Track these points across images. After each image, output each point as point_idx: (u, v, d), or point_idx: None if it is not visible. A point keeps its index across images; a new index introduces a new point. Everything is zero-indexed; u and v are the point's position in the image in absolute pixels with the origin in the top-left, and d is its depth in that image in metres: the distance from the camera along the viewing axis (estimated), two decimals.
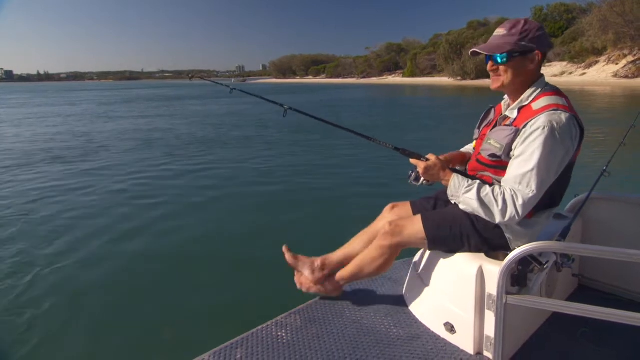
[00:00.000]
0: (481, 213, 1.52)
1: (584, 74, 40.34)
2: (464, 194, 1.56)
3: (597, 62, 40.66)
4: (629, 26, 34.33)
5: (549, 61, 46.65)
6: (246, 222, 4.88)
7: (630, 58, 36.53)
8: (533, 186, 1.43)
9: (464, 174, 1.64)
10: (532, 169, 1.42)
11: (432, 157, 1.68)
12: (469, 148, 1.99)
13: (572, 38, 44.60)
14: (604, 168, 2.17)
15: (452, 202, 1.71)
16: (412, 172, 1.74)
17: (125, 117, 19.67)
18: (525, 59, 1.52)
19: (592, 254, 1.27)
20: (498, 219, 1.49)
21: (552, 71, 44.28)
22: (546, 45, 1.53)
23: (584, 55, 41.81)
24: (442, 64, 59.67)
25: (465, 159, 1.91)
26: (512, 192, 1.46)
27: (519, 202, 1.44)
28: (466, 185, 1.57)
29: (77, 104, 31.57)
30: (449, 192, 1.65)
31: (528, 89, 1.57)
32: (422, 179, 1.72)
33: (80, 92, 61.44)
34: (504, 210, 1.46)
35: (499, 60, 1.53)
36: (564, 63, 44.50)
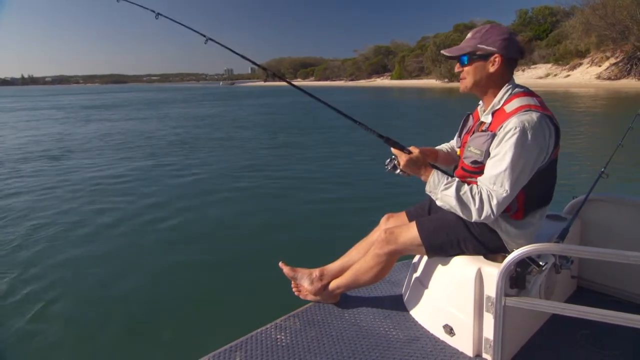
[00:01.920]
0: (458, 211, 1.54)
1: (568, 75, 41.09)
2: (442, 191, 1.58)
3: (580, 64, 41.48)
4: (611, 29, 35.04)
5: (535, 63, 47.48)
6: (245, 226, 4.85)
7: (612, 60, 37.33)
8: (506, 186, 1.45)
9: (443, 170, 1.65)
10: (505, 169, 1.44)
11: (415, 151, 1.69)
12: (442, 146, 2.01)
13: (556, 40, 45.41)
14: (602, 169, 2.18)
15: (433, 198, 1.67)
16: (391, 161, 1.72)
17: (111, 120, 19.47)
18: (486, 62, 1.56)
19: (591, 255, 1.28)
20: (474, 217, 1.51)
21: (537, 73, 45.03)
22: (510, 51, 1.54)
23: (568, 58, 42.59)
24: (429, 67, 60.25)
25: (437, 156, 1.93)
26: (488, 192, 1.48)
27: (494, 201, 1.46)
28: (445, 182, 1.58)
29: (61, 108, 31.13)
30: (427, 188, 1.65)
31: (498, 92, 1.59)
32: (399, 169, 1.71)
33: (65, 96, 60.61)
34: (480, 209, 1.49)
35: (463, 61, 1.60)
36: (549, 65, 45.31)
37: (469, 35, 1.62)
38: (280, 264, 2.13)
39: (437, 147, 2.01)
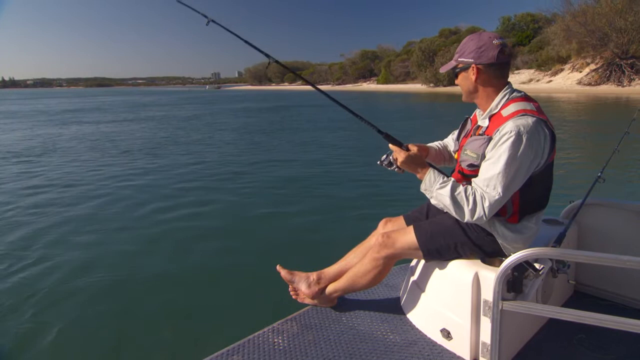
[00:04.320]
0: (451, 210, 1.56)
1: (550, 81, 41.87)
2: (437, 189, 1.59)
3: (562, 69, 42.31)
4: (591, 36, 35.84)
5: (517, 69, 48.35)
6: (242, 229, 4.85)
7: (592, 66, 38.19)
8: (499, 189, 1.47)
9: (440, 170, 1.68)
10: (499, 173, 1.46)
11: (413, 148, 1.72)
12: (434, 144, 2.03)
13: (538, 47, 46.30)
14: (599, 174, 2.20)
15: (428, 196, 1.70)
16: (387, 157, 1.75)
17: (89, 123, 19.19)
18: (467, 73, 1.65)
19: (588, 260, 1.30)
20: (467, 217, 1.52)
21: (520, 78, 45.79)
22: (484, 59, 1.58)
23: (550, 63, 43.43)
24: (415, 71, 60.78)
25: (428, 153, 1.95)
26: (482, 194, 1.50)
27: (486, 203, 1.48)
28: (441, 181, 1.60)
29: (40, 112, 30.52)
30: (422, 187, 1.67)
31: (495, 97, 1.62)
32: (395, 165, 1.73)
33: (46, 99, 59.57)
34: (473, 210, 1.50)
35: (454, 75, 1.71)
36: (532, 70, 46.11)
37: (457, 48, 1.71)
38: (278, 267, 2.13)
39: (428, 144, 2.02)
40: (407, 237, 1.79)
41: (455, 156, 1.91)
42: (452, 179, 1.62)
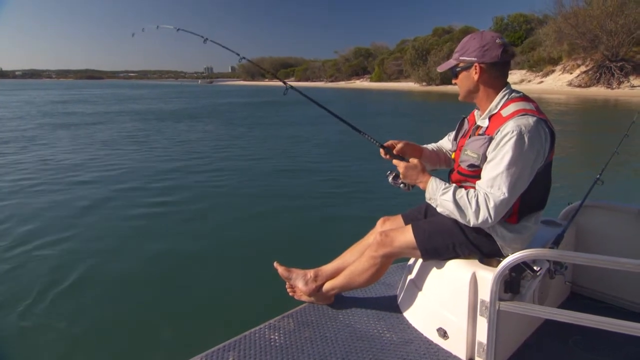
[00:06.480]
0: (457, 215, 1.56)
1: (542, 82, 42.20)
2: (440, 196, 1.60)
3: (553, 71, 42.67)
4: (582, 38, 36.19)
5: (510, 69, 48.59)
6: (240, 225, 4.84)
7: (583, 68, 38.58)
8: (504, 189, 1.47)
9: (441, 178, 1.68)
10: (502, 172, 1.46)
11: (413, 160, 1.74)
12: (428, 146, 2.03)
13: (530, 47, 46.62)
14: (598, 176, 2.21)
15: (433, 205, 1.71)
16: (391, 172, 1.78)
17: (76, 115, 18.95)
18: (469, 72, 1.64)
19: (585, 261, 1.31)
20: (472, 221, 1.52)
21: (512, 79, 45.41)
22: (488, 57, 1.59)
23: (542, 64, 43.77)
24: (408, 70, 60.82)
25: (422, 154, 1.95)
26: (485, 195, 1.50)
27: (491, 204, 1.48)
28: (443, 187, 1.61)
29: (28, 102, 30.07)
30: (426, 196, 1.68)
31: (494, 97, 1.63)
32: (401, 180, 1.76)
33: (34, 91, 58.70)
34: (477, 213, 1.50)
35: (453, 74, 1.70)
36: (523, 71, 46.42)
37: (457, 47, 1.69)
38: (275, 264, 2.13)
39: (423, 146, 2.03)
40: (405, 236, 1.80)
41: (453, 156, 1.91)
42: (454, 184, 1.62)
